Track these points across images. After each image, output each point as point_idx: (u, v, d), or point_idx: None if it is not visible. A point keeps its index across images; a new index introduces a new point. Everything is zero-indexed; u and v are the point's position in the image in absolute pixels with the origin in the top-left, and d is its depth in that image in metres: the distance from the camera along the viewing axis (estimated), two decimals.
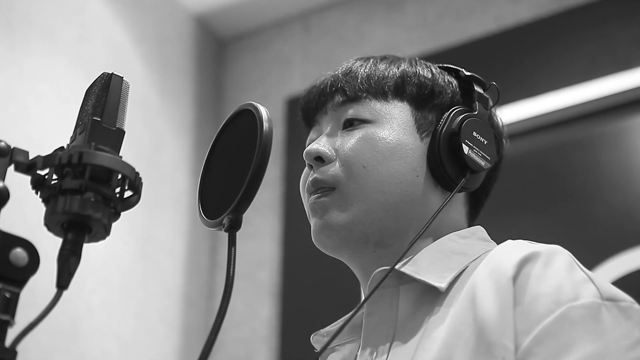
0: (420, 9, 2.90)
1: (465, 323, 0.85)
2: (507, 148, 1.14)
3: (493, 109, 1.11)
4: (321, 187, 1.00)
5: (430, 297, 0.92)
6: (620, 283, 2.13)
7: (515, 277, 0.84)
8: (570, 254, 0.88)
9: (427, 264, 0.95)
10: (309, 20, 3.16)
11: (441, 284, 0.91)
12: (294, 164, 2.87)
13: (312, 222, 1.02)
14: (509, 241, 0.95)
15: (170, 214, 2.82)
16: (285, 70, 3.14)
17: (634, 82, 2.36)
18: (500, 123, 1.13)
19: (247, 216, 0.76)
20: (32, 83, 2.36)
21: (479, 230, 1.03)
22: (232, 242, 0.74)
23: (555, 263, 0.85)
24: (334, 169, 1.00)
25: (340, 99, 1.05)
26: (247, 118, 0.80)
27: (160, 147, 2.84)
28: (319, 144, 1.02)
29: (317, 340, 1.05)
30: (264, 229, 2.89)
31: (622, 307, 0.81)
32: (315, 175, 1.01)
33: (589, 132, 2.44)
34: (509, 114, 2.48)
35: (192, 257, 2.89)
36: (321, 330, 1.04)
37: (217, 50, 3.31)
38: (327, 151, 1.01)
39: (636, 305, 0.83)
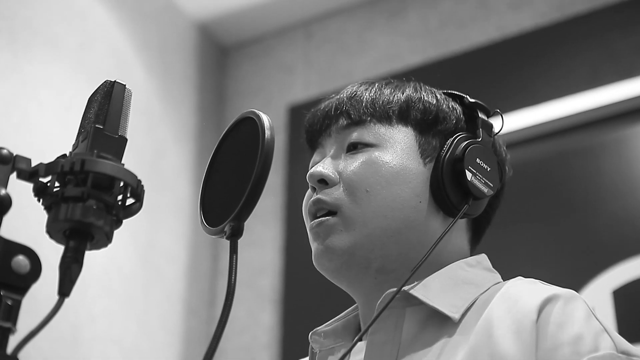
0: (423, 17, 2.91)
1: (480, 358, 0.85)
2: (509, 167, 1.14)
3: (496, 137, 1.10)
4: (322, 208, 1.00)
5: (437, 322, 0.93)
6: (622, 291, 2.14)
7: (537, 321, 0.85)
8: (585, 300, 0.89)
9: (437, 290, 0.95)
10: (310, 28, 3.17)
11: (454, 314, 0.92)
12: (295, 171, 2.87)
13: (314, 246, 1.02)
14: (521, 279, 0.96)
15: (172, 221, 2.82)
16: (287, 78, 3.14)
17: (635, 90, 2.36)
18: (504, 151, 1.13)
19: (248, 224, 0.77)
20: (35, 90, 2.36)
21: (484, 259, 1.04)
22: (233, 250, 0.74)
23: (575, 310, 0.87)
24: (337, 192, 1.00)
25: (345, 122, 1.05)
26: (249, 126, 0.80)
27: (162, 154, 2.85)
28: (323, 166, 1.02)
29: (315, 340, 1.04)
30: (266, 236, 2.89)
31: None
32: (318, 195, 1.01)
33: (591, 140, 2.44)
34: (510, 122, 2.48)
35: (193, 265, 2.89)
36: (318, 329, 1.04)
37: (219, 57, 3.31)
38: (331, 174, 1.01)
39: None
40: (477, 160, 1.00)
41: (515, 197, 2.42)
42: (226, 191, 0.81)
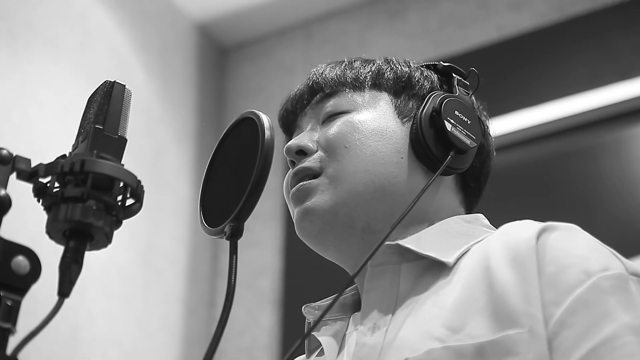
0: (423, 18, 2.91)
1: (479, 291, 0.83)
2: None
3: (476, 102, 1.09)
4: (304, 176, 0.98)
5: (434, 272, 0.90)
6: None
7: (535, 247, 0.82)
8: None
9: (432, 242, 0.93)
10: (310, 28, 3.17)
11: (448, 259, 0.89)
12: None
13: (295, 212, 0.99)
14: (519, 221, 0.93)
15: (171, 221, 2.82)
16: (287, 78, 3.14)
17: (635, 91, 2.36)
18: (485, 115, 1.10)
19: (248, 224, 0.76)
20: (35, 90, 2.36)
21: (481, 217, 1.02)
22: (233, 250, 0.74)
23: (578, 237, 0.84)
24: (317, 156, 0.98)
25: (318, 96, 1.05)
26: (248, 126, 0.80)
27: (162, 155, 2.85)
28: (299, 139, 1.01)
29: (309, 311, 1.03)
30: (266, 237, 2.89)
31: None
32: (297, 166, 0.99)
33: (591, 141, 2.44)
34: (510, 123, 2.48)
35: (193, 265, 2.89)
36: (312, 303, 1.02)
37: (219, 58, 3.31)
38: (308, 143, 1.00)
39: None
40: (456, 112, 0.98)
41: (515, 198, 2.43)
42: (226, 192, 0.81)
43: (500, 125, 2.46)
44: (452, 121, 0.97)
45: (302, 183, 0.98)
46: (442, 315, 0.83)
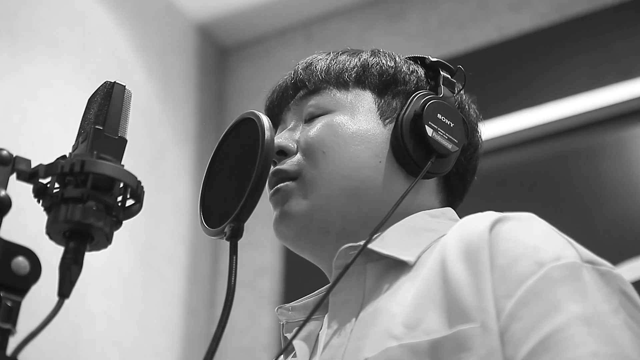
0: (423, 18, 2.91)
1: (435, 286, 0.82)
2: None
3: (464, 96, 1.08)
4: (282, 178, 0.97)
5: (397, 270, 0.90)
6: None
7: (488, 239, 0.81)
8: (545, 222, 0.85)
9: (395, 241, 0.92)
10: (310, 29, 3.17)
11: (409, 257, 0.89)
12: None
13: (274, 214, 0.99)
14: (478, 213, 0.91)
15: (171, 222, 2.82)
16: None
17: (635, 91, 2.36)
18: (472, 110, 1.09)
19: (248, 225, 0.77)
20: (35, 91, 2.36)
21: (449, 211, 1.01)
22: (233, 251, 0.74)
23: (533, 227, 0.83)
24: (296, 159, 0.98)
25: (302, 92, 1.04)
26: (248, 126, 0.80)
27: (162, 155, 2.85)
28: (280, 138, 1.00)
29: (282, 313, 1.02)
30: (266, 237, 2.89)
31: (601, 271, 0.79)
32: (276, 166, 0.98)
33: (591, 141, 2.44)
34: (510, 124, 2.48)
35: (193, 266, 2.89)
36: (286, 304, 1.02)
37: (219, 58, 3.31)
38: (289, 143, 0.99)
39: (615, 271, 0.80)
40: (438, 115, 0.97)
41: (514, 198, 2.43)
42: (226, 192, 0.81)
43: (500, 126, 2.47)
44: (433, 125, 0.96)
45: (279, 186, 0.97)
46: (402, 313, 0.82)
